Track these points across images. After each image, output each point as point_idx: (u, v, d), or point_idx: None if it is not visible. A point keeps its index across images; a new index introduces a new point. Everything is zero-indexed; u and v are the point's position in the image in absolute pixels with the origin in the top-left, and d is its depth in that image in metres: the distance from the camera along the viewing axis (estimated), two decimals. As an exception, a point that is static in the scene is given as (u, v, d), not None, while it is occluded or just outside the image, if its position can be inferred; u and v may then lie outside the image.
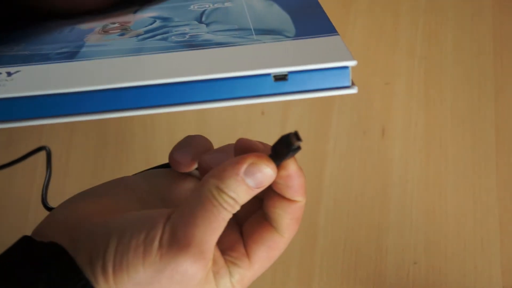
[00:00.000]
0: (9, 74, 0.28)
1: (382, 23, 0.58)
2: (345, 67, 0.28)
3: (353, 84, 0.28)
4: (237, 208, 0.28)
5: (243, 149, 0.29)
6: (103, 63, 0.30)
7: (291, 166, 0.28)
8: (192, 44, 0.31)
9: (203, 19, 0.36)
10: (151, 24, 0.36)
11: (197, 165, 0.33)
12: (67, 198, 0.31)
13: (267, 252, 0.30)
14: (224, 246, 0.30)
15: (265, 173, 0.27)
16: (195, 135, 0.34)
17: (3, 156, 0.54)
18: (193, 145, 0.33)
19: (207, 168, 0.31)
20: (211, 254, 0.27)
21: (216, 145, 0.33)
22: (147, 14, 0.38)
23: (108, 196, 0.31)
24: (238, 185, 0.27)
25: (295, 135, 0.27)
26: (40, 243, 0.27)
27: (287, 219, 0.30)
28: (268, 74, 0.28)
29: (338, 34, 0.31)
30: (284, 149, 0.27)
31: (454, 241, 0.51)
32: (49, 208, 0.37)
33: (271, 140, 0.29)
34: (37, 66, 0.30)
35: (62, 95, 0.27)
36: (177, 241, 0.26)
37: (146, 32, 0.35)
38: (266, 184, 0.28)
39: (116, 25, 0.37)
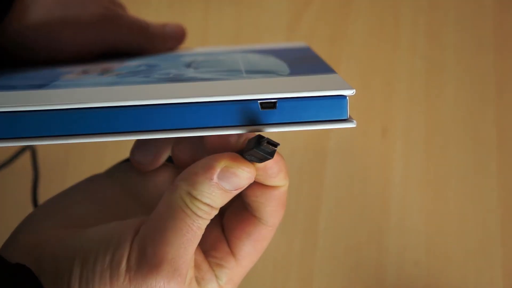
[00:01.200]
0: None
1: (383, 23, 0.58)
2: (342, 97, 0.25)
3: (350, 117, 0.25)
4: (214, 213, 0.25)
5: (214, 145, 0.26)
6: (73, 90, 0.27)
7: None
8: (175, 79, 0.29)
9: (192, 65, 0.34)
10: (135, 68, 0.34)
11: (164, 160, 0.30)
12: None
13: (254, 246, 0.28)
14: (206, 246, 0.28)
15: (241, 177, 0.25)
16: None
17: None
18: (155, 140, 0.29)
19: (182, 159, 0.28)
20: (188, 266, 0.25)
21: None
22: (133, 62, 0.37)
23: (73, 205, 0.29)
24: (213, 190, 0.24)
25: (269, 143, 0.24)
26: (8, 264, 0.25)
27: (271, 207, 0.27)
28: (255, 101, 0.24)
29: (336, 73, 0.28)
30: (261, 156, 0.25)
31: (455, 242, 0.51)
32: None
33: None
34: (1, 92, 0.28)
35: (22, 113, 0.24)
36: (147, 260, 0.24)
37: (129, 72, 0.32)
38: (244, 186, 0.25)
39: (98, 69, 0.34)
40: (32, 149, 0.48)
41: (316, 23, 0.59)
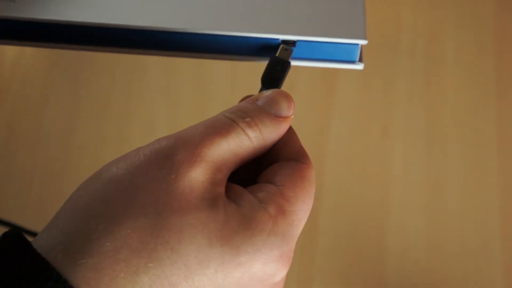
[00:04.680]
0: None
1: (383, 23, 0.58)
2: (355, 44, 0.28)
3: (360, 60, 0.28)
4: (260, 139, 0.24)
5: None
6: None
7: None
8: None
9: None
10: None
11: None
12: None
13: (291, 169, 0.25)
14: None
15: (281, 103, 0.25)
16: None
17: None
18: None
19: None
20: (213, 160, 0.22)
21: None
22: None
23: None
24: (259, 112, 0.24)
25: (284, 45, 0.27)
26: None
27: (285, 143, 0.27)
28: (277, 39, 0.27)
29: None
30: (279, 71, 0.27)
31: (455, 242, 0.51)
32: None
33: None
34: None
35: (64, 22, 0.27)
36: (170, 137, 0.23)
37: None
38: (286, 114, 0.25)
39: None
40: None
41: (316, 23, 0.59)
